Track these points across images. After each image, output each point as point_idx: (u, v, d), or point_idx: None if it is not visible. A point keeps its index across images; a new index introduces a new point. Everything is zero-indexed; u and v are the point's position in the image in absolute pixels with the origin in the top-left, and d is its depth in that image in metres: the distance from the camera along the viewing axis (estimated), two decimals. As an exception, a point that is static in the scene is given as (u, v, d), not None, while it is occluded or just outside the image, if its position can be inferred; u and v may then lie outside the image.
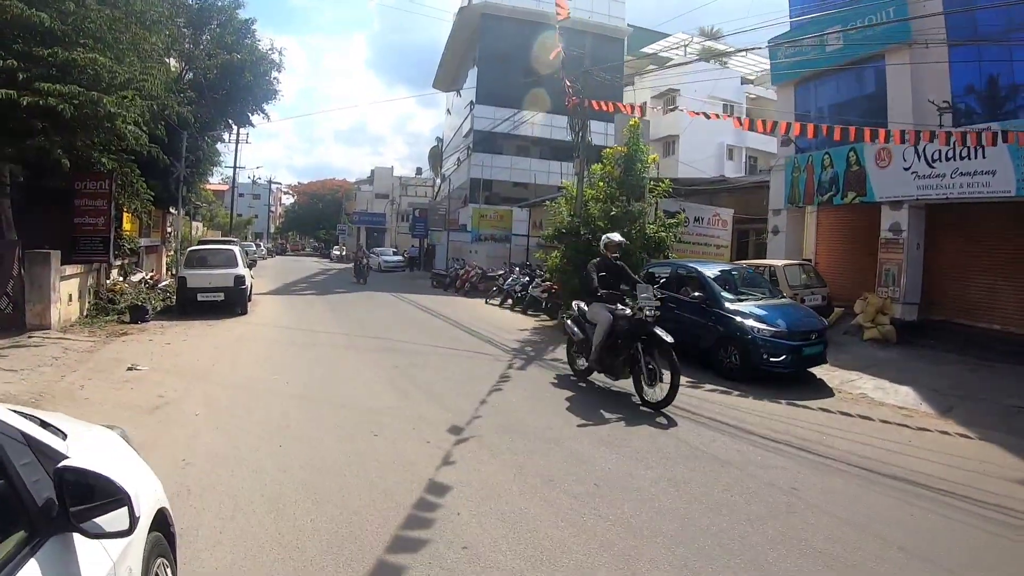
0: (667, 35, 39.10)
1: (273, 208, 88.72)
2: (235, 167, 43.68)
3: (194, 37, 26.15)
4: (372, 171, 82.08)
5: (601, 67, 21.68)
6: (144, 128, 13.68)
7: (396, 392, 8.75)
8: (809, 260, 17.00)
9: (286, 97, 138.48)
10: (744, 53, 36.52)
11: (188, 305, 15.62)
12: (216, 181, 57.29)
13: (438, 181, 61.31)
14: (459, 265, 30.05)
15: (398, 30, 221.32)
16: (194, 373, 9.50)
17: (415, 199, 62.51)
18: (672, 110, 31.24)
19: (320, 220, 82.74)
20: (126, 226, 18.39)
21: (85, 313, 14.48)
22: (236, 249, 17.31)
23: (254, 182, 71.25)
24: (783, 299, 12.02)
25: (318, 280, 33.01)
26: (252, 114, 28.53)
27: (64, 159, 11.58)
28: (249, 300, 17.86)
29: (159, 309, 15.98)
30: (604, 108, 16.16)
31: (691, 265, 12.53)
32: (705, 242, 18.90)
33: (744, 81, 41.22)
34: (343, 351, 11.83)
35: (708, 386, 9.75)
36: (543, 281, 19.88)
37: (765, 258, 17.64)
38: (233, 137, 40.90)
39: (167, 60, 22.97)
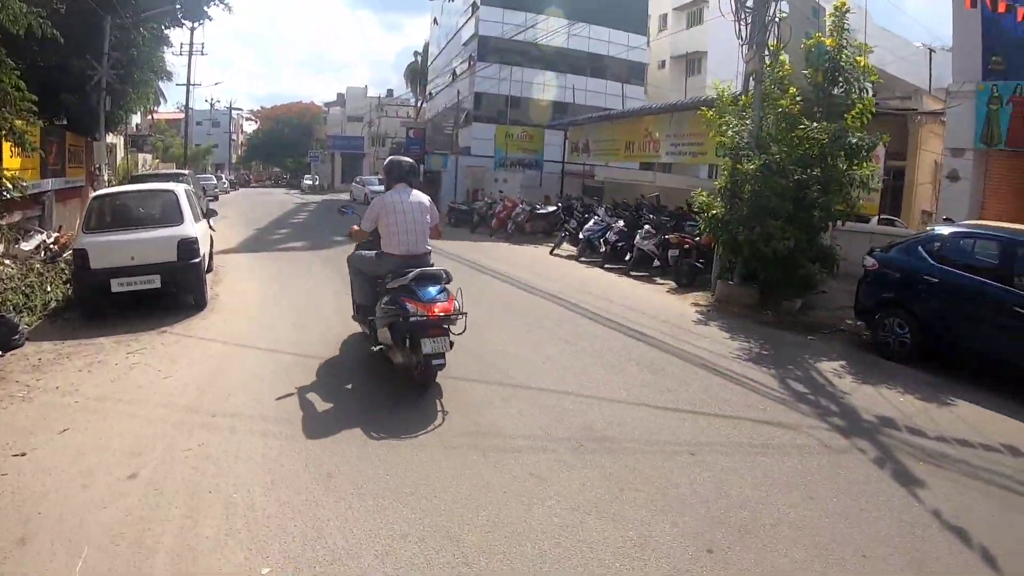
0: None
1: (235, 136, 78.10)
2: (189, 82, 34.73)
3: None
4: (340, 94, 72.39)
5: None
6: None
7: None
8: None
9: (246, 23, 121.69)
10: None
11: (97, 300, 8.08)
12: (171, 109, 48.75)
13: (420, 101, 53.03)
14: (489, 199, 22.54)
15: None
16: None
17: (396, 119, 54.06)
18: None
19: (287, 147, 72.83)
20: (8, 162, 10.54)
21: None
22: (181, 190, 9.39)
23: (212, 106, 61.43)
24: None
25: (300, 221, 24.90)
26: (207, 3, 20.20)
27: None
28: (209, 271, 10.41)
29: (55, 304, 8.47)
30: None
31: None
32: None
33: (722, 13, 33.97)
34: (486, 471, 4.36)
35: None
36: (657, 231, 13.24)
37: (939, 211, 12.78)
38: (181, 45, 32.47)
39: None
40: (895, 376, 7.04)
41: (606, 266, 14.05)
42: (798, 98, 9.82)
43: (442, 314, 5.27)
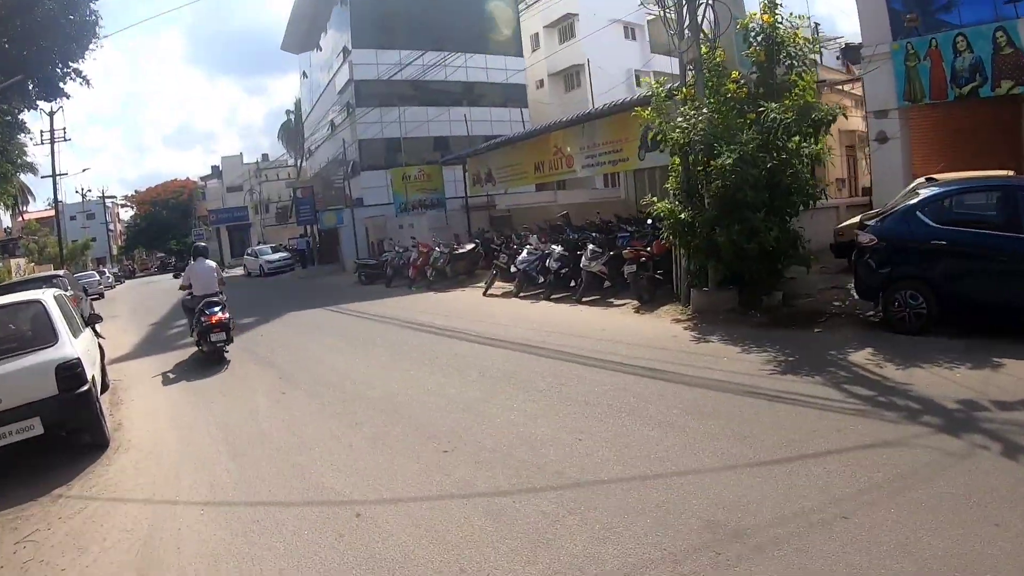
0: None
1: (112, 226, 72.40)
2: (54, 171, 31.33)
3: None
4: (215, 166, 68.68)
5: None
6: None
7: None
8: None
9: (107, 106, 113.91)
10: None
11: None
12: (41, 207, 45.03)
13: (300, 160, 50.92)
14: (399, 247, 20.93)
15: (214, 19, 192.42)
16: None
17: (279, 183, 51.58)
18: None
19: (169, 229, 68.45)
20: None
21: None
22: (49, 298, 7.15)
23: (84, 196, 56.87)
24: None
25: (198, 307, 22.28)
26: (63, 79, 17.98)
27: None
28: (105, 391, 8.40)
29: None
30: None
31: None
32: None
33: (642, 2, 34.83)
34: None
35: None
36: (603, 249, 12.22)
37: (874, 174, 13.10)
38: (41, 132, 29.30)
39: None
40: (929, 351, 6.56)
41: (552, 297, 12.88)
42: (741, 82, 9.05)
43: (219, 320, 9.85)
